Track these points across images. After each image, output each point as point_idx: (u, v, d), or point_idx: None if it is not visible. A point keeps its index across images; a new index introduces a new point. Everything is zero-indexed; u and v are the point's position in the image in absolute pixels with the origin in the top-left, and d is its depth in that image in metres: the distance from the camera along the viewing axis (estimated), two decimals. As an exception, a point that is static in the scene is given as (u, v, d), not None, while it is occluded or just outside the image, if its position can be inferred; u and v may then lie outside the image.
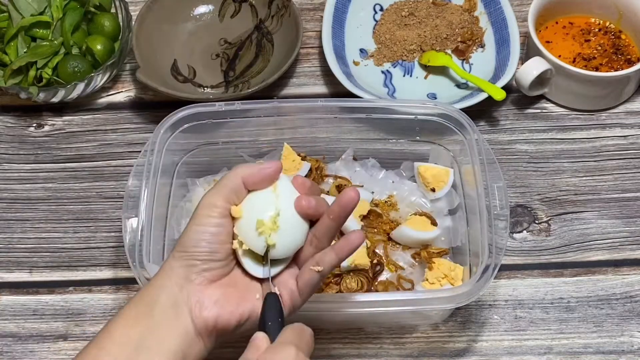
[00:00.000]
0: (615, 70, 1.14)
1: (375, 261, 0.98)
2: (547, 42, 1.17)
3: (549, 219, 1.06)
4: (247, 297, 0.76)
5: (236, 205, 0.76)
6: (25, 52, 1.15)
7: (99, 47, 1.15)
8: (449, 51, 1.21)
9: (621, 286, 1.01)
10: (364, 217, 1.01)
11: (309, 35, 1.25)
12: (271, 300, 0.75)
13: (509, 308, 0.99)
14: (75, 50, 1.17)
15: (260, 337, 0.71)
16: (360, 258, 0.97)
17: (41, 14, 1.17)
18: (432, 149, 1.05)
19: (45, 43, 1.16)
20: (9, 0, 1.17)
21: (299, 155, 1.04)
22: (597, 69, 1.14)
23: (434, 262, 0.97)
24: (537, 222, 1.06)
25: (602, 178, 1.10)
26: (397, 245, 1.01)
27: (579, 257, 1.03)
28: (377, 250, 1.00)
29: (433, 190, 1.02)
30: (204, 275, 0.75)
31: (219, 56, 1.22)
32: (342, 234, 1.00)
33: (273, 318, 0.74)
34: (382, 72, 1.20)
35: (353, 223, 0.99)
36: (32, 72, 1.14)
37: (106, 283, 1.03)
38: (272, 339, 0.71)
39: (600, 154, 1.12)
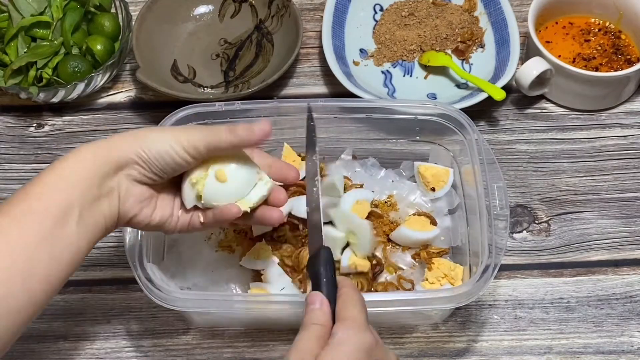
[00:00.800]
0: (615, 70, 1.14)
1: (374, 262, 0.98)
2: (547, 42, 1.17)
3: (549, 219, 1.06)
4: (162, 208, 0.82)
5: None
6: (25, 52, 1.15)
7: (99, 47, 1.15)
8: (449, 51, 1.21)
9: (621, 286, 1.01)
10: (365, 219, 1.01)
11: (309, 35, 1.25)
12: (326, 256, 0.77)
13: (509, 308, 0.99)
14: (75, 50, 1.17)
15: (320, 299, 0.74)
16: (360, 260, 0.97)
17: (41, 14, 1.17)
18: (432, 149, 1.05)
19: (45, 43, 1.16)
20: (9, 0, 1.17)
21: (299, 155, 1.04)
22: (597, 69, 1.14)
23: (434, 262, 0.97)
24: (537, 222, 1.06)
25: (602, 178, 1.10)
26: (397, 247, 1.01)
27: (579, 257, 1.03)
28: (376, 253, 0.99)
29: (433, 189, 1.02)
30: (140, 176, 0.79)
31: (219, 56, 1.22)
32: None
33: (328, 275, 0.75)
34: (382, 72, 1.20)
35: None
36: (32, 72, 1.14)
37: (106, 283, 1.03)
38: (327, 295, 0.74)
39: (600, 154, 1.12)
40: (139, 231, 0.90)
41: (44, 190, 0.74)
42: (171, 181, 0.83)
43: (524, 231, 1.06)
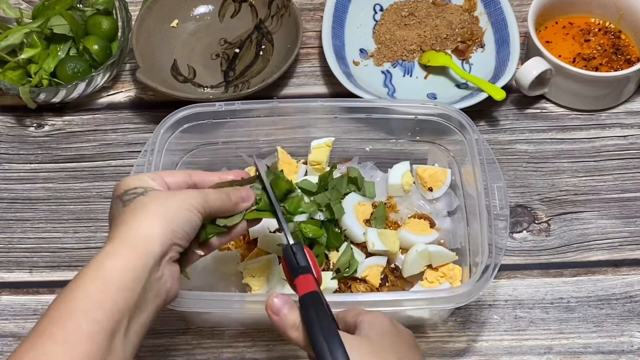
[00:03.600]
0: (615, 70, 1.14)
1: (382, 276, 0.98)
2: (547, 42, 1.17)
3: (549, 219, 1.06)
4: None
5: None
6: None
7: (95, 47, 1.16)
8: (449, 51, 1.21)
9: (621, 286, 1.01)
10: (367, 221, 1.01)
11: (309, 35, 1.25)
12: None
13: (508, 308, 0.99)
14: (72, 52, 1.18)
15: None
16: (373, 278, 0.97)
17: None
18: (431, 150, 1.05)
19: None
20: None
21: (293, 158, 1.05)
22: (597, 69, 1.14)
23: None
24: (537, 222, 1.06)
25: (602, 178, 1.10)
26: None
27: (579, 257, 1.03)
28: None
29: (430, 189, 1.02)
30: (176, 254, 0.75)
31: (219, 56, 1.22)
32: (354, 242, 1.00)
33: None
34: (382, 72, 1.20)
35: (357, 227, 0.98)
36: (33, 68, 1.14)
37: (106, 283, 1.02)
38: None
39: (600, 154, 1.12)
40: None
41: (88, 304, 0.67)
42: None
43: (524, 231, 1.06)
